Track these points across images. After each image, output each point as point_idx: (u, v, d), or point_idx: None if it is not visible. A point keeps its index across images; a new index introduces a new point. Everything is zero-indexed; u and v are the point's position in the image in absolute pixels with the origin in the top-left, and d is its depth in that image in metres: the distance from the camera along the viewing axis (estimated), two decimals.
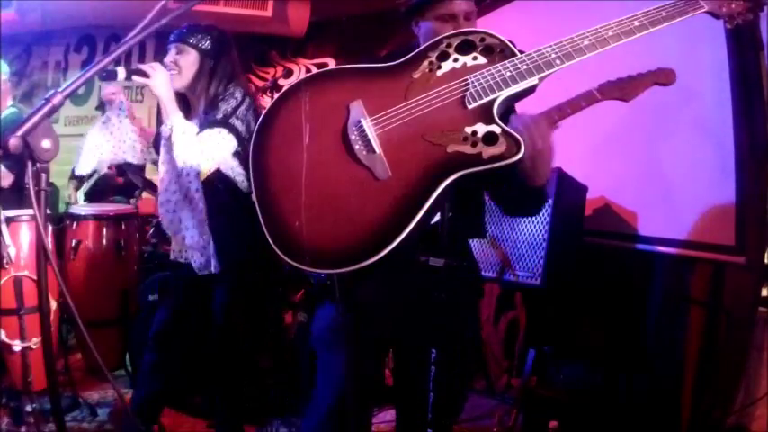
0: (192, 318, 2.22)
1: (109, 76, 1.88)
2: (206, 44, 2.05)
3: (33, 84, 5.39)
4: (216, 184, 2.04)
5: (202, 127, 2.00)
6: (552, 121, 1.40)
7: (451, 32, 1.47)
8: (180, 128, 1.94)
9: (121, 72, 1.89)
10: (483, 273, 2.68)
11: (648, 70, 1.43)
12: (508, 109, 1.46)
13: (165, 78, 1.96)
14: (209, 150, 1.93)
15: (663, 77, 1.43)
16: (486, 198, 1.78)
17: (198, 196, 2.04)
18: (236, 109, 1.99)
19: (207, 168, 1.95)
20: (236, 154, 2.04)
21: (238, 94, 2.02)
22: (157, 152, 2.20)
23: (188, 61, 2.04)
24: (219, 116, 1.97)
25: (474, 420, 2.78)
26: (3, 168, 2.91)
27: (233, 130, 1.97)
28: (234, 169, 2.06)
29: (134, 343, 3.05)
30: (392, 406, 1.80)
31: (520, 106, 1.51)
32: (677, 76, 1.45)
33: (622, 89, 1.42)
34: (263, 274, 2.32)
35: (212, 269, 2.09)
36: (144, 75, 1.93)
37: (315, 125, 1.41)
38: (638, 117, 2.61)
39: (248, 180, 2.08)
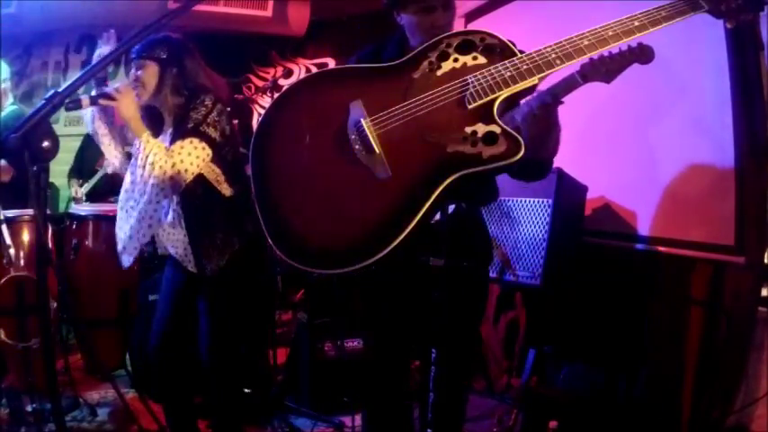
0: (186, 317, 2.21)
1: (74, 105, 1.89)
2: (163, 54, 2.07)
3: (33, 84, 5.37)
4: (196, 191, 2.03)
5: (174, 139, 2.00)
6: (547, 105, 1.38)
7: (451, 32, 1.47)
8: (149, 149, 1.93)
9: (86, 100, 1.91)
10: None
11: (628, 47, 1.38)
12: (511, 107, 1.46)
13: (131, 100, 1.97)
14: (181, 163, 1.93)
15: (642, 55, 1.37)
16: None
17: (173, 208, 2.05)
18: (206, 116, 1.99)
19: (184, 179, 1.95)
20: (219, 159, 2.04)
21: (208, 101, 2.02)
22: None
23: (148, 74, 2.05)
24: (191, 125, 1.97)
25: (474, 420, 2.77)
26: (3, 163, 2.90)
27: (205, 137, 1.97)
28: (218, 175, 2.06)
29: (134, 343, 3.05)
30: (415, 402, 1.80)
31: None
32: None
33: (602, 69, 1.37)
34: (250, 276, 2.30)
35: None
36: (110, 98, 1.95)
37: (315, 125, 1.42)
38: (638, 117, 2.61)
39: (235, 184, 2.08)
